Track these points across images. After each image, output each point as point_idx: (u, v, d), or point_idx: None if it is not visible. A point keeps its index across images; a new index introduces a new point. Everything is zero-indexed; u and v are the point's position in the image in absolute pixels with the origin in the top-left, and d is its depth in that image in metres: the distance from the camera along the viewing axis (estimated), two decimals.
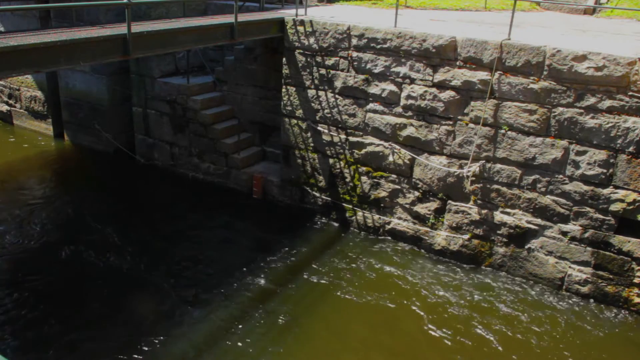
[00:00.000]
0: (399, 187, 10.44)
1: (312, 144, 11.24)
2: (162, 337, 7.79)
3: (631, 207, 8.45)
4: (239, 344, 7.78)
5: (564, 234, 9.07)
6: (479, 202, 9.67)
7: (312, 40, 10.60)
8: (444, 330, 8.26)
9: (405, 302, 8.86)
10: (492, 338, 8.13)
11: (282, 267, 9.73)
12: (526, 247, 9.44)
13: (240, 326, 8.15)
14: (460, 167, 9.67)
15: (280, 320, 8.30)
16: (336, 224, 11.32)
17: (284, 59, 11.10)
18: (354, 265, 9.85)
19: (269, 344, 7.83)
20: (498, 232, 9.62)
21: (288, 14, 11.31)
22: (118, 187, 12.87)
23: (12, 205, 11.56)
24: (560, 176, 8.87)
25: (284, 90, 11.27)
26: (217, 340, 7.84)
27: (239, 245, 10.38)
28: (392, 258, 10.15)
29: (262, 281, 9.26)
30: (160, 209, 11.78)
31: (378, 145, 10.43)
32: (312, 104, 10.97)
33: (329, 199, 11.34)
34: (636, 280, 8.69)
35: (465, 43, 9.14)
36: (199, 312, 8.39)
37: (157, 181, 13.23)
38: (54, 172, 13.53)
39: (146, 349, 7.56)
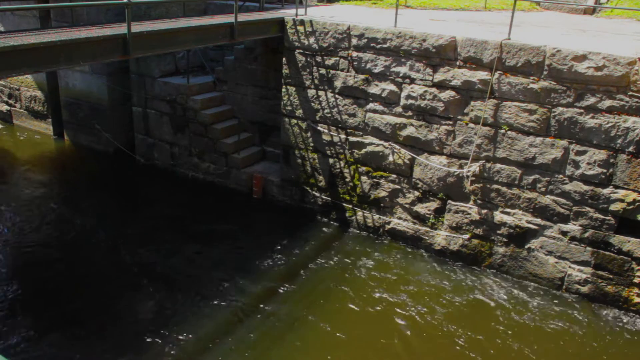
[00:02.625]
0: (398, 187, 10.44)
1: (312, 144, 11.24)
2: (161, 337, 7.78)
3: (631, 207, 8.45)
4: (238, 345, 7.77)
5: (564, 233, 9.07)
6: (478, 202, 9.67)
7: (312, 40, 10.60)
8: (444, 332, 8.25)
9: (405, 302, 8.85)
10: (491, 339, 8.13)
11: (281, 268, 9.73)
12: (526, 247, 9.44)
13: (239, 327, 8.14)
14: (460, 167, 9.67)
15: (279, 321, 8.29)
16: (336, 224, 11.32)
17: (284, 59, 11.09)
18: (353, 265, 9.85)
19: (268, 345, 7.83)
20: (498, 232, 9.62)
21: (288, 13, 11.31)
22: (118, 187, 12.88)
23: (11, 204, 11.56)
24: (560, 176, 8.87)
25: (283, 90, 11.27)
26: (216, 341, 7.82)
27: (239, 245, 10.37)
28: (392, 258, 10.15)
29: (262, 282, 9.26)
30: (160, 208, 11.77)
31: (378, 145, 10.43)
32: (312, 104, 10.97)
33: (329, 198, 11.33)
34: (636, 280, 8.69)
35: (465, 43, 9.14)
36: (199, 312, 8.38)
37: (157, 181, 13.22)
38: (53, 171, 13.53)
39: (145, 348, 7.56)
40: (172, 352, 7.55)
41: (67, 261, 9.68)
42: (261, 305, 8.62)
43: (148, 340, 7.70)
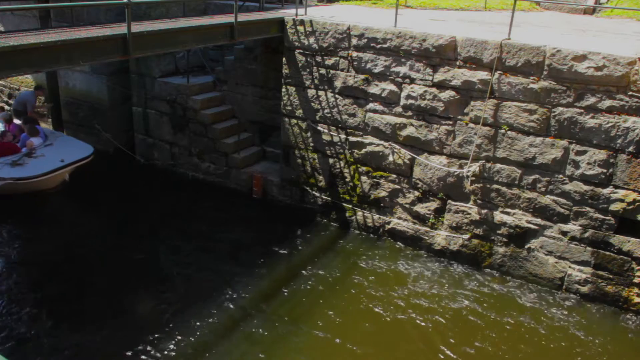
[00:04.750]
0: (398, 187, 10.44)
1: (312, 144, 11.24)
2: (159, 340, 7.78)
3: (631, 207, 8.45)
4: (237, 347, 7.77)
5: (564, 233, 9.07)
6: (478, 202, 9.67)
7: (312, 40, 10.60)
8: (443, 333, 8.25)
9: (404, 303, 8.85)
10: (490, 340, 8.12)
11: (281, 268, 9.73)
12: (526, 247, 9.44)
13: (238, 328, 8.13)
14: (460, 166, 9.67)
15: (279, 322, 8.29)
16: (336, 224, 11.32)
17: (284, 59, 11.09)
18: (353, 266, 9.84)
19: (268, 346, 7.82)
20: (498, 232, 9.62)
21: (288, 13, 11.31)
22: (118, 186, 12.86)
23: (10, 204, 11.55)
24: (560, 176, 8.87)
25: (283, 90, 11.27)
26: (215, 343, 7.82)
27: (238, 245, 10.37)
28: (391, 258, 10.15)
29: (261, 282, 9.25)
30: (160, 208, 11.77)
31: (378, 145, 10.43)
32: (312, 104, 10.97)
33: (329, 198, 11.33)
34: (636, 280, 8.69)
35: (465, 43, 9.14)
36: (197, 312, 8.38)
37: (156, 181, 13.22)
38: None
39: (143, 350, 7.55)
40: (171, 354, 7.55)
41: (66, 259, 9.67)
42: (260, 306, 8.61)
43: (145, 343, 7.68)
